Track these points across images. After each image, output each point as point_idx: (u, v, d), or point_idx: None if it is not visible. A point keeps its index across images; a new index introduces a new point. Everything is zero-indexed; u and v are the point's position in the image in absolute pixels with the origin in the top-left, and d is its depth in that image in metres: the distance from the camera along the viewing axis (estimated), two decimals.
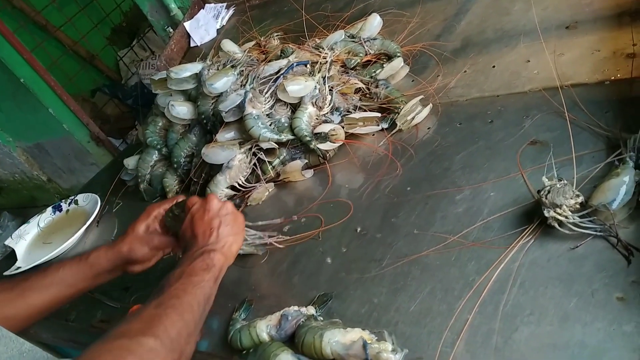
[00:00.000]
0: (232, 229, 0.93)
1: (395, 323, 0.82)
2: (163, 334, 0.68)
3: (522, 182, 0.93)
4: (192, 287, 0.79)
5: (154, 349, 0.65)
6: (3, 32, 2.56)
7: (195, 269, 0.83)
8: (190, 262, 0.84)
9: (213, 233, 0.91)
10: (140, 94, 3.14)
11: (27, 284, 0.95)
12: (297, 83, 1.23)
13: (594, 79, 1.06)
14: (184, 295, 0.77)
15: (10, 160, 3.34)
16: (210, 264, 0.85)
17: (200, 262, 0.84)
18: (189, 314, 0.75)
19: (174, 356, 0.69)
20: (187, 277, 0.81)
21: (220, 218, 0.93)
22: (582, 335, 0.68)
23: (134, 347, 0.64)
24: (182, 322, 0.73)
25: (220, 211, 0.94)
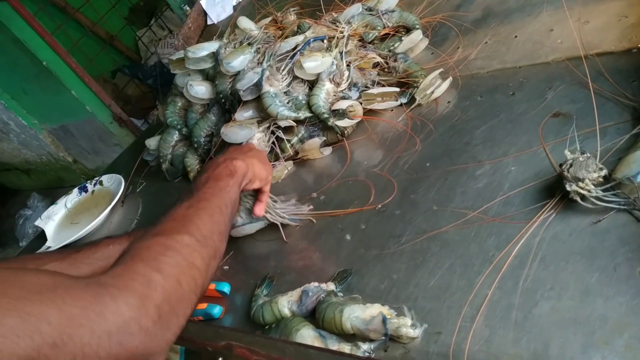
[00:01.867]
0: (259, 160, 0.99)
1: (415, 298, 0.82)
2: (196, 231, 0.71)
3: (544, 156, 0.91)
4: (219, 191, 0.83)
5: (189, 244, 0.69)
6: (24, 16, 2.60)
7: (220, 174, 0.87)
8: (215, 169, 0.89)
9: (236, 151, 0.99)
10: (159, 73, 3.16)
11: (78, 256, 0.97)
12: (314, 59, 1.22)
13: (620, 47, 1.02)
14: (212, 198, 0.81)
15: (37, 143, 3.42)
16: (233, 170, 0.89)
17: (224, 169, 0.89)
18: (218, 215, 0.78)
19: (209, 252, 0.72)
20: (213, 181, 0.85)
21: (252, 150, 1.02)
22: (604, 309, 0.67)
23: (171, 243, 0.67)
24: (212, 222, 0.76)
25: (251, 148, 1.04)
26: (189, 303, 0.65)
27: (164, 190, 1.50)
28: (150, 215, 1.44)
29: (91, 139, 3.23)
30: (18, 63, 2.83)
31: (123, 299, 0.57)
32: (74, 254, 0.97)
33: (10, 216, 3.91)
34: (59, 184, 3.83)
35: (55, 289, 0.54)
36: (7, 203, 4.28)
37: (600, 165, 0.78)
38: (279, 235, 1.09)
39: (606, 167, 0.78)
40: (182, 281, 0.64)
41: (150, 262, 0.63)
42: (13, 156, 3.79)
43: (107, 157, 3.25)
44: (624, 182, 0.76)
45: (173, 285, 0.63)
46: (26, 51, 2.70)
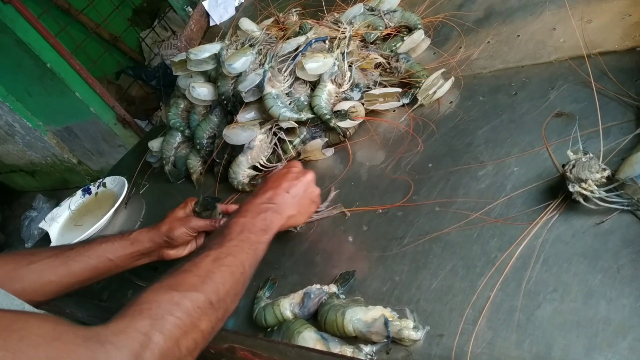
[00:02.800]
0: (303, 208, 0.96)
1: (417, 300, 0.82)
2: (213, 293, 0.70)
3: (546, 156, 0.91)
4: (249, 247, 0.81)
5: (202, 307, 0.67)
6: (28, 18, 2.61)
7: (255, 227, 0.85)
8: (254, 217, 0.86)
9: (287, 195, 0.93)
10: (163, 74, 3.17)
11: (71, 253, 0.99)
12: (315, 60, 1.21)
13: (623, 45, 1.02)
14: (240, 253, 0.79)
15: (42, 144, 3.44)
16: (269, 226, 0.87)
17: (261, 221, 0.86)
18: (240, 275, 0.77)
19: (219, 315, 0.70)
20: (247, 233, 0.82)
21: (306, 191, 0.96)
22: (607, 311, 0.67)
23: (184, 303, 0.66)
24: (232, 282, 0.74)
25: (309, 186, 0.97)
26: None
27: (167, 192, 1.51)
28: (154, 217, 1.44)
29: (95, 140, 3.24)
30: (22, 65, 2.84)
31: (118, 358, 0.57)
32: (67, 251, 0.99)
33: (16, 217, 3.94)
34: (64, 185, 3.85)
35: (53, 342, 0.55)
36: (13, 204, 4.31)
37: (603, 166, 0.78)
38: (282, 236, 1.09)
39: (609, 168, 0.78)
40: (182, 344, 0.64)
41: (157, 322, 0.62)
42: (18, 158, 3.81)
43: (111, 158, 3.26)
44: (627, 183, 0.75)
45: (171, 348, 0.62)
46: (30, 53, 2.71)
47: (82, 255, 1.00)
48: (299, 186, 0.95)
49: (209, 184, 1.41)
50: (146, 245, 1.05)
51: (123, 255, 1.03)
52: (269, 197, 0.92)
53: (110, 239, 1.04)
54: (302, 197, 0.95)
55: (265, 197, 0.92)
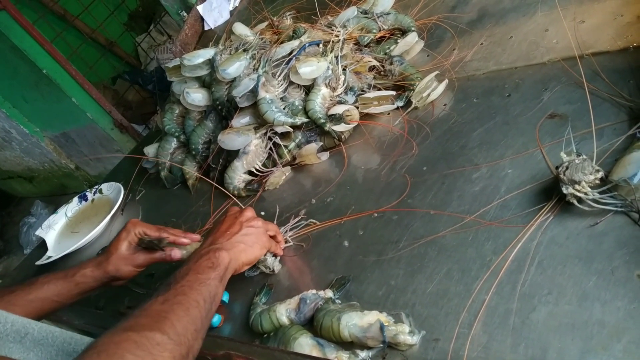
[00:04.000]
0: (249, 239, 0.95)
1: (413, 305, 0.82)
2: (170, 329, 0.69)
3: (540, 158, 0.91)
4: (198, 285, 0.80)
5: (160, 343, 0.66)
6: (23, 25, 2.61)
7: (201, 267, 0.84)
8: (197, 260, 0.86)
9: (227, 235, 0.94)
10: (159, 78, 3.17)
11: (12, 298, 0.97)
12: (309, 65, 1.22)
13: (616, 46, 1.02)
14: (190, 291, 0.78)
15: (39, 150, 3.44)
16: (215, 262, 0.86)
17: (206, 260, 0.86)
18: (195, 310, 0.75)
19: (182, 351, 0.68)
20: (193, 274, 0.82)
21: (244, 226, 0.96)
22: (601, 314, 0.67)
23: (141, 341, 0.64)
24: (188, 318, 0.73)
25: (248, 221, 0.97)
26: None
27: (163, 198, 1.50)
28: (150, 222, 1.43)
29: (93, 145, 3.24)
30: (18, 71, 2.84)
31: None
32: (7, 295, 0.97)
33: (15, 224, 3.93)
34: (62, 191, 3.85)
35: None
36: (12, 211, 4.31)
37: (596, 167, 0.78)
38: None
39: (603, 169, 0.78)
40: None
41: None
42: (16, 164, 3.80)
43: (109, 163, 3.26)
44: (621, 184, 0.75)
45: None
46: (26, 59, 2.71)
47: (23, 299, 0.97)
48: (236, 224, 0.96)
49: (204, 190, 1.41)
50: (91, 285, 1.03)
51: (67, 295, 1.02)
52: (210, 242, 0.93)
53: (53, 279, 1.02)
54: (244, 233, 0.95)
55: (206, 244, 0.93)
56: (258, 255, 0.97)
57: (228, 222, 0.97)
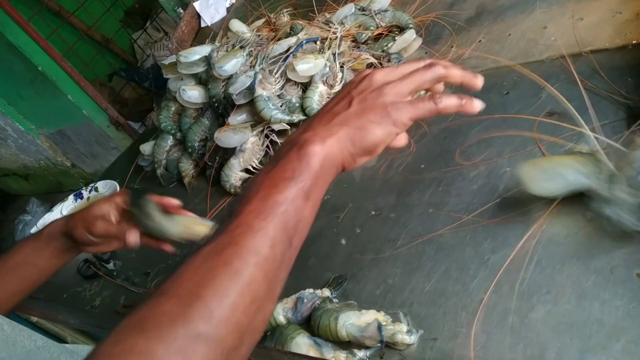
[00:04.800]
0: (365, 114, 0.57)
1: (410, 304, 0.81)
2: (201, 318, 0.43)
3: (539, 156, 0.90)
4: (265, 217, 0.51)
5: (184, 347, 0.42)
6: (18, 21, 2.58)
7: (275, 178, 0.54)
8: (275, 163, 0.55)
9: (328, 116, 0.59)
10: (155, 76, 3.15)
11: None
12: (306, 62, 1.21)
13: (614, 43, 1.01)
14: (250, 233, 0.49)
15: (35, 148, 3.41)
16: (298, 168, 0.54)
17: (284, 164, 0.54)
18: (254, 269, 0.48)
19: (226, 343, 0.45)
20: (262, 193, 0.52)
21: (357, 98, 0.59)
22: (600, 313, 0.67)
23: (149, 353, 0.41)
24: (237, 289, 0.46)
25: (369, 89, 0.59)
26: None
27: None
28: None
29: (89, 142, 3.22)
30: (13, 68, 2.82)
31: None
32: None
33: (10, 221, 3.91)
34: (58, 188, 3.82)
35: None
36: (7, 208, 4.28)
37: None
38: None
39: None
40: None
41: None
42: (11, 161, 3.78)
43: (105, 161, 3.24)
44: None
45: None
46: (21, 56, 2.69)
47: (3, 269, 0.90)
48: (346, 97, 0.60)
49: (201, 187, 1.40)
50: (60, 240, 0.91)
51: (41, 256, 0.91)
52: (306, 125, 0.59)
53: (25, 243, 0.92)
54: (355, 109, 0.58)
55: (302, 127, 0.60)
56: (381, 141, 0.58)
57: (339, 96, 0.62)
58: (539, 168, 0.76)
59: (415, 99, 0.60)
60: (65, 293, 1.31)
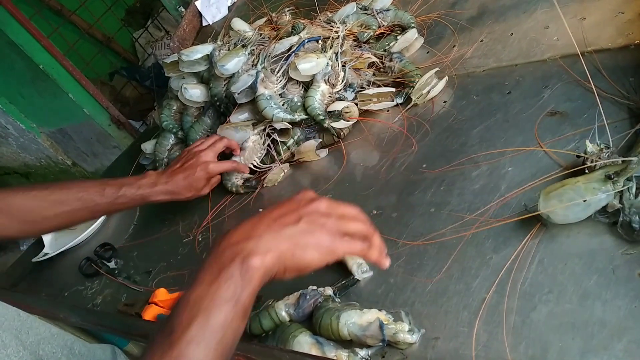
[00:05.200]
0: (305, 237, 0.63)
1: (412, 303, 0.81)
2: None
3: (540, 156, 0.90)
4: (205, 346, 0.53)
5: None
6: (20, 20, 2.59)
7: (216, 299, 0.55)
8: (212, 282, 0.57)
9: (274, 226, 0.62)
10: (157, 74, 3.15)
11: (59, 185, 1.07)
12: (308, 61, 1.21)
13: (617, 43, 1.01)
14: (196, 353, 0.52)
15: (36, 146, 3.41)
16: (239, 284, 0.56)
17: (226, 285, 0.56)
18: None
19: None
20: (204, 316, 0.54)
21: (305, 220, 0.64)
22: (602, 313, 0.67)
23: None
24: None
25: (315, 215, 0.65)
26: None
27: None
28: (147, 220, 1.43)
29: (90, 141, 3.22)
30: (14, 67, 2.82)
31: None
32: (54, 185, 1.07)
33: None
34: None
35: None
36: None
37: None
38: None
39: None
40: None
41: None
42: (12, 160, 3.78)
43: (106, 160, 3.24)
44: None
45: None
46: (22, 55, 2.69)
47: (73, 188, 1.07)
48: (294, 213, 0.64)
49: None
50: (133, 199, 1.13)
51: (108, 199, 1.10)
52: (251, 227, 0.62)
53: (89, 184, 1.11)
54: (301, 228, 0.63)
55: (247, 226, 0.62)
56: (314, 265, 0.64)
57: (285, 208, 0.65)
58: (556, 198, 0.75)
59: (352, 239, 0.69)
60: (67, 291, 1.32)
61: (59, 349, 0.75)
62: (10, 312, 0.73)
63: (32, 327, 0.74)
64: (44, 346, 0.73)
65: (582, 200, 0.73)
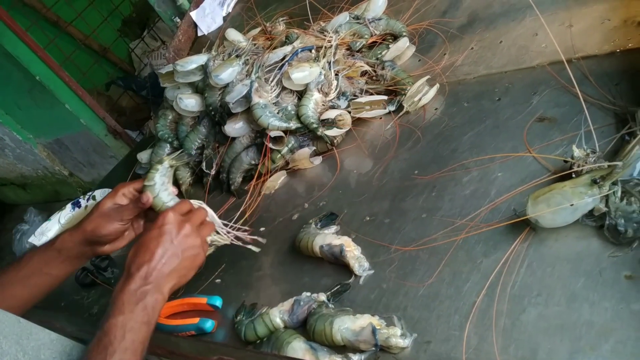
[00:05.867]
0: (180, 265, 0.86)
1: (404, 308, 0.82)
2: None
3: (529, 161, 0.92)
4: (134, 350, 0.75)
5: None
6: (16, 31, 2.60)
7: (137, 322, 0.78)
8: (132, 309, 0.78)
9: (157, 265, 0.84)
10: (153, 84, 3.16)
11: (5, 278, 0.95)
12: (301, 70, 1.22)
13: (603, 50, 1.03)
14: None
15: (32, 157, 3.42)
16: (152, 313, 0.80)
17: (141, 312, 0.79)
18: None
19: None
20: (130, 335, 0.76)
21: (165, 244, 0.86)
22: (590, 314, 0.68)
23: None
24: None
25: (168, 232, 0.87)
26: None
27: None
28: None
29: (86, 151, 3.23)
30: (11, 78, 2.83)
31: None
32: (2, 277, 0.95)
33: (8, 231, 3.89)
34: (55, 197, 3.82)
35: None
36: (4, 218, 4.27)
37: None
38: (270, 246, 1.10)
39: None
40: None
41: None
42: (9, 171, 3.78)
43: (102, 169, 3.24)
44: None
45: None
46: (19, 66, 2.70)
47: (17, 278, 0.95)
48: (175, 246, 0.87)
49: (198, 195, 1.41)
50: (74, 251, 0.97)
51: (55, 265, 0.96)
52: (143, 277, 0.83)
53: (37, 252, 0.98)
54: (181, 258, 0.87)
55: (139, 277, 0.82)
56: (200, 266, 0.91)
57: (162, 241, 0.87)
58: (543, 202, 0.76)
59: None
60: (64, 301, 1.32)
61: (57, 355, 0.76)
62: (10, 319, 0.74)
63: (32, 333, 0.75)
64: (44, 351, 0.74)
65: (569, 205, 0.74)
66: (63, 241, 0.97)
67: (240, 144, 1.33)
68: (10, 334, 0.72)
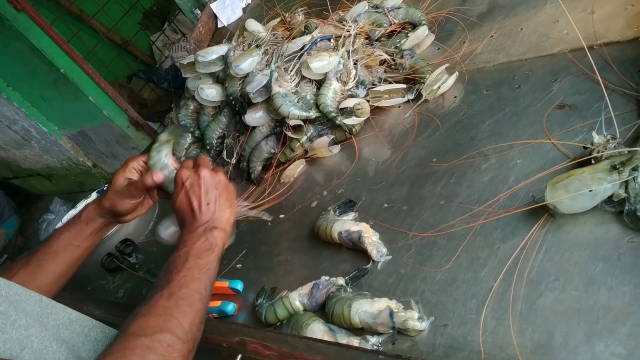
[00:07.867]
0: (227, 201, 0.92)
1: (422, 292, 0.84)
2: (178, 328, 0.71)
3: (548, 148, 0.92)
4: (199, 272, 0.80)
5: (171, 344, 0.69)
6: (42, 25, 2.65)
7: (200, 251, 0.83)
8: (194, 242, 0.84)
9: (210, 207, 0.90)
10: (173, 76, 3.20)
11: (39, 255, 0.99)
12: (320, 59, 1.23)
13: (626, 36, 1.02)
14: (192, 282, 0.78)
15: (57, 149, 3.49)
16: (214, 243, 0.85)
17: (204, 242, 0.84)
18: (198, 303, 0.76)
19: (190, 346, 0.72)
20: (193, 260, 0.81)
21: (216, 190, 0.92)
22: (607, 299, 0.68)
23: (154, 345, 0.67)
24: (193, 313, 0.75)
25: (215, 183, 0.93)
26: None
27: None
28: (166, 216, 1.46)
29: (109, 143, 3.28)
30: (37, 71, 2.89)
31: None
32: (34, 255, 0.99)
33: (34, 221, 4.00)
34: (79, 188, 3.90)
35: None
36: (31, 208, 4.38)
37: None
38: (290, 232, 1.12)
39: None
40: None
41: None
42: (35, 162, 3.87)
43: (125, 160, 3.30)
44: None
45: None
46: (44, 59, 2.76)
47: (49, 253, 1.00)
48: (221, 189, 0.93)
49: None
50: (98, 222, 1.02)
51: (84, 237, 1.02)
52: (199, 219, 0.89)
53: (65, 228, 1.03)
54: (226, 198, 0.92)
55: (196, 221, 0.89)
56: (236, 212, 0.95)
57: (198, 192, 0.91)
58: (562, 188, 0.76)
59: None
60: (90, 285, 1.36)
61: (75, 335, 0.79)
62: (33, 298, 0.77)
63: (52, 312, 0.78)
64: (63, 330, 0.77)
65: (588, 190, 0.74)
66: (88, 216, 1.02)
67: (260, 133, 1.35)
68: (32, 312, 0.75)
